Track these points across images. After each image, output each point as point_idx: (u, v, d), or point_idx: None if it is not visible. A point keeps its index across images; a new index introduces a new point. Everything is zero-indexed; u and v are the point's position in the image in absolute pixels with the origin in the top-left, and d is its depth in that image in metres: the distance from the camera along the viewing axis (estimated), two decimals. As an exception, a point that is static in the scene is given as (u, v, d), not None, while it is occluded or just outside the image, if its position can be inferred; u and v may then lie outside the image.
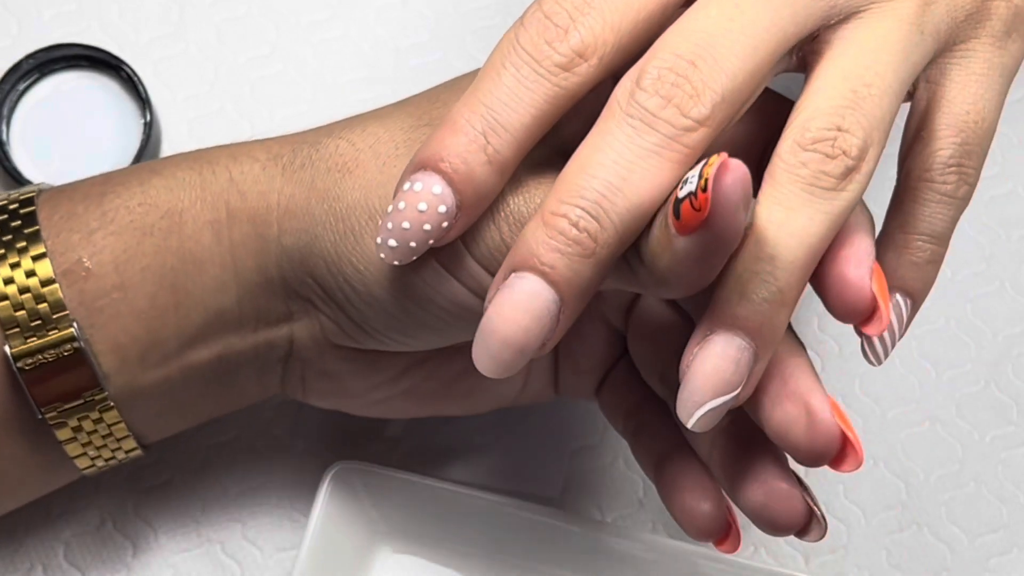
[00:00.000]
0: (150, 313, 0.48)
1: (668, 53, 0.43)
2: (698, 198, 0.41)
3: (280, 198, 0.48)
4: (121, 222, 0.48)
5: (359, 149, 0.47)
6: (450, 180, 0.43)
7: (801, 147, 0.43)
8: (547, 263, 0.42)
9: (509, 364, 0.43)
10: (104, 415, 0.49)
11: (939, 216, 0.46)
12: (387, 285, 0.46)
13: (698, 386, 0.43)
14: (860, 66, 0.44)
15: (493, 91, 0.44)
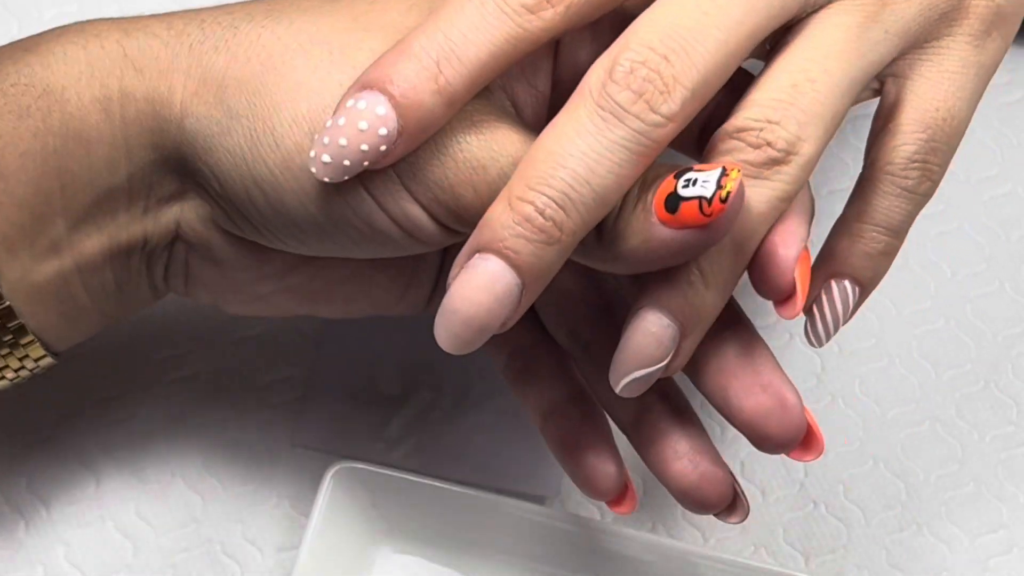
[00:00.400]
0: (34, 199, 0.46)
1: (641, 45, 0.43)
2: (712, 205, 0.42)
3: (187, 80, 0.46)
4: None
5: (286, 45, 0.46)
6: (396, 104, 0.43)
7: (728, 135, 0.44)
8: (511, 248, 0.42)
9: (469, 342, 0.44)
10: (4, 318, 0.47)
11: (897, 210, 0.47)
12: (300, 195, 0.45)
13: (623, 358, 0.45)
14: (808, 60, 0.45)
15: (453, 21, 0.44)
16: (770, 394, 0.46)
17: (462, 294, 0.43)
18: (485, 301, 0.43)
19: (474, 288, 0.43)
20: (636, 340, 0.45)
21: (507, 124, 0.45)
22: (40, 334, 0.49)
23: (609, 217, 0.44)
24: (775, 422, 0.46)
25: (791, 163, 0.44)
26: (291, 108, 0.45)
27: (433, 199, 0.45)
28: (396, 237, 0.46)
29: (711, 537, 0.59)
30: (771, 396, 0.46)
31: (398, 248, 0.46)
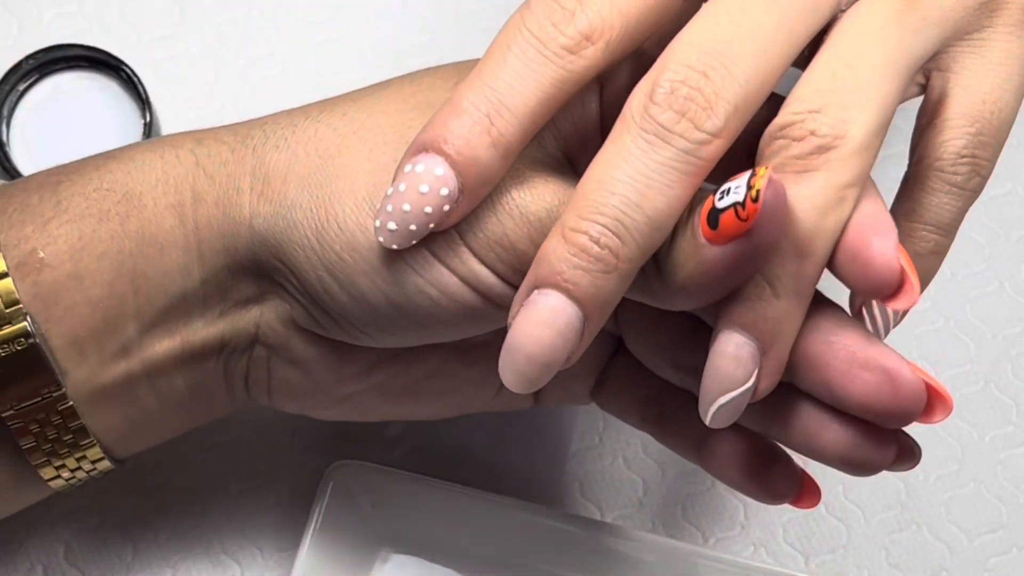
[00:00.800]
0: (108, 301, 0.47)
1: (679, 64, 0.42)
2: (746, 208, 0.41)
3: (253, 181, 0.47)
4: (76, 209, 0.47)
5: (341, 134, 0.47)
6: (453, 162, 0.43)
7: (772, 136, 0.43)
8: (570, 280, 0.42)
9: (535, 379, 0.43)
10: (66, 418, 0.48)
11: (947, 207, 0.46)
12: (371, 273, 0.45)
13: (706, 385, 0.43)
14: (844, 48, 0.44)
15: (498, 73, 0.43)
16: (873, 371, 0.44)
17: (524, 331, 0.43)
18: (548, 337, 0.42)
19: (536, 324, 0.42)
20: (715, 364, 0.43)
21: (558, 173, 0.45)
22: (101, 437, 0.49)
23: (663, 250, 0.43)
24: (888, 399, 0.44)
25: (840, 147, 0.42)
26: (351, 191, 0.46)
27: (495, 257, 0.45)
28: (470, 301, 0.45)
29: (711, 537, 0.59)
30: (875, 373, 0.44)
31: (475, 317, 0.46)
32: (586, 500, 0.59)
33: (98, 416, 0.48)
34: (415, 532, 0.56)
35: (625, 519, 0.59)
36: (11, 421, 0.47)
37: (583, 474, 0.59)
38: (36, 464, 0.48)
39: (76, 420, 0.48)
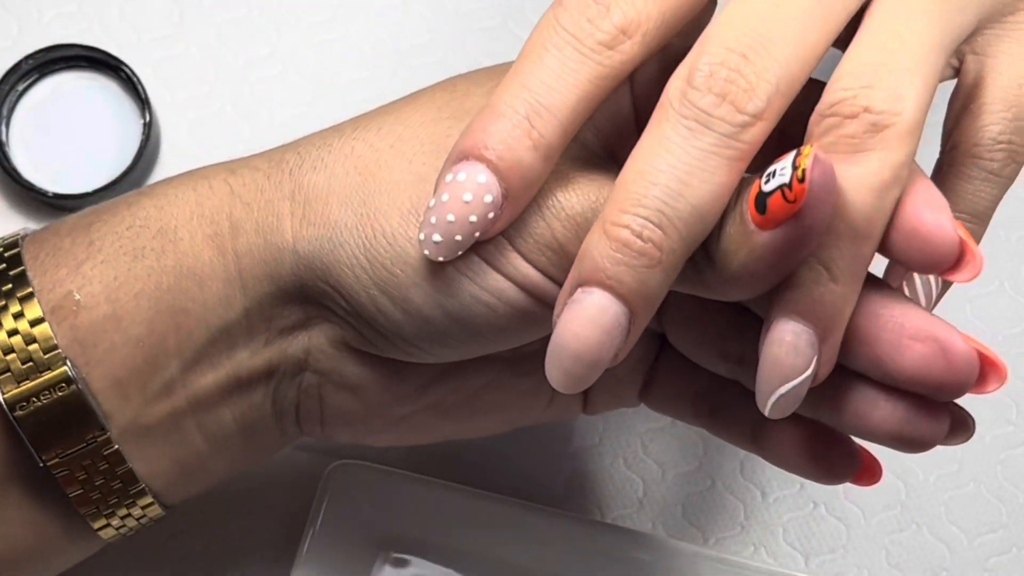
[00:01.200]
0: (148, 340, 0.46)
1: (717, 47, 0.41)
2: (793, 189, 0.40)
3: (293, 205, 0.46)
4: (110, 249, 0.46)
5: (379, 150, 0.46)
6: (495, 168, 0.42)
7: (822, 114, 0.42)
8: (613, 277, 0.41)
9: (583, 378, 0.42)
10: (112, 463, 0.46)
11: (983, 194, 0.45)
12: (424, 286, 0.44)
13: (764, 376, 0.42)
14: (892, 20, 0.42)
15: (535, 73, 0.43)
16: (924, 342, 0.42)
17: (569, 330, 0.42)
18: (593, 335, 0.42)
19: (581, 323, 0.42)
20: (773, 353, 0.42)
21: (601, 170, 0.45)
22: (150, 481, 0.48)
23: (713, 239, 0.42)
24: (941, 369, 0.42)
25: (896, 125, 0.41)
26: (396, 205, 0.45)
27: (546, 260, 0.44)
28: (525, 305, 0.44)
29: (711, 537, 0.59)
30: (926, 344, 0.42)
31: (530, 321, 0.45)
32: (586, 500, 0.59)
33: (145, 459, 0.47)
34: (415, 532, 0.56)
35: (625, 519, 0.59)
36: (57, 470, 0.46)
37: (583, 474, 0.59)
38: (85, 514, 0.47)
39: (123, 465, 0.47)
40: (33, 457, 0.46)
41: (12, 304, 0.46)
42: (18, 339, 0.46)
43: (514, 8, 0.64)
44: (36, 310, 0.46)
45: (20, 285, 0.46)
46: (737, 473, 0.59)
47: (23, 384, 0.45)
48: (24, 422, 0.46)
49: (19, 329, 0.46)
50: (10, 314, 0.46)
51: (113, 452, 0.46)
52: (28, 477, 0.47)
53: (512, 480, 0.58)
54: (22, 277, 0.46)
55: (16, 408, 0.45)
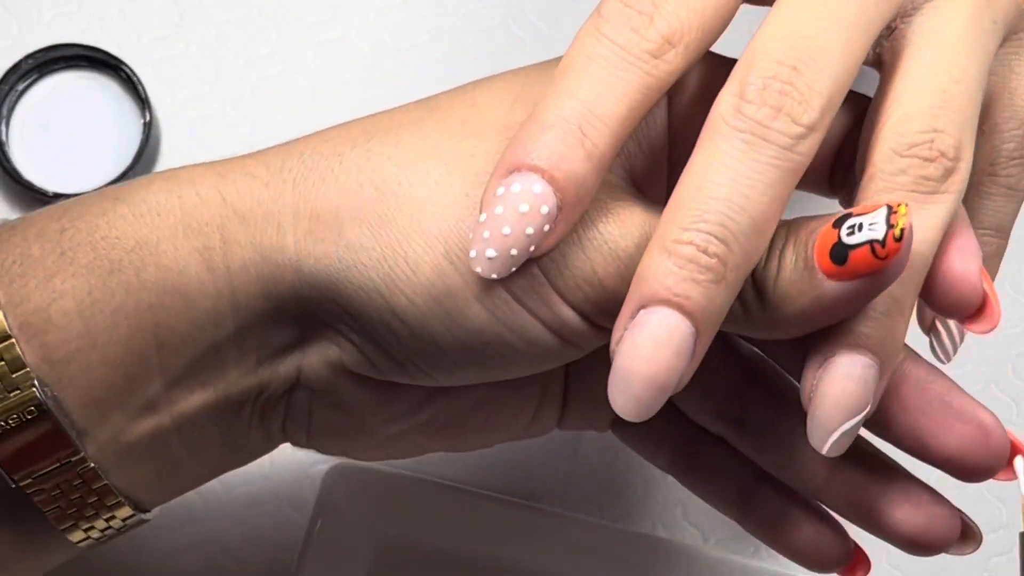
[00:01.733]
0: (127, 359, 0.43)
1: (767, 60, 0.41)
2: (886, 246, 0.40)
3: (296, 220, 0.43)
4: (83, 261, 0.43)
5: (398, 164, 0.44)
6: (551, 178, 0.41)
7: (898, 154, 0.42)
8: (680, 294, 0.40)
9: (652, 404, 0.41)
10: (88, 480, 0.44)
11: (1003, 210, 0.46)
12: (446, 320, 0.43)
13: (828, 411, 0.42)
14: (945, 60, 0.43)
15: (583, 83, 0.42)
16: (967, 423, 0.44)
17: (637, 354, 0.40)
18: (664, 356, 0.40)
19: (651, 345, 0.40)
20: (838, 389, 0.41)
21: (639, 203, 0.44)
22: (130, 493, 0.45)
23: (769, 280, 0.42)
24: (980, 451, 0.44)
25: (959, 171, 0.42)
26: (421, 231, 0.43)
27: (583, 297, 0.43)
28: (548, 344, 0.43)
29: (711, 537, 0.59)
30: (969, 425, 0.44)
31: (547, 358, 0.44)
32: (587, 500, 0.59)
33: (125, 472, 0.45)
34: (415, 532, 0.56)
35: (625, 519, 0.59)
36: (30, 490, 0.44)
37: (583, 474, 0.59)
38: (63, 528, 0.45)
39: (99, 481, 0.44)
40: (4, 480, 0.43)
41: None
42: None
43: (514, 8, 0.64)
44: (2, 325, 0.42)
45: None
46: (737, 473, 0.59)
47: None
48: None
49: None
50: None
51: (88, 470, 0.44)
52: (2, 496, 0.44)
53: (512, 480, 0.58)
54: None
55: None
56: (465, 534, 0.56)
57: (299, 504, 0.57)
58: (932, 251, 0.42)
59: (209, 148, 0.62)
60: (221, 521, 0.57)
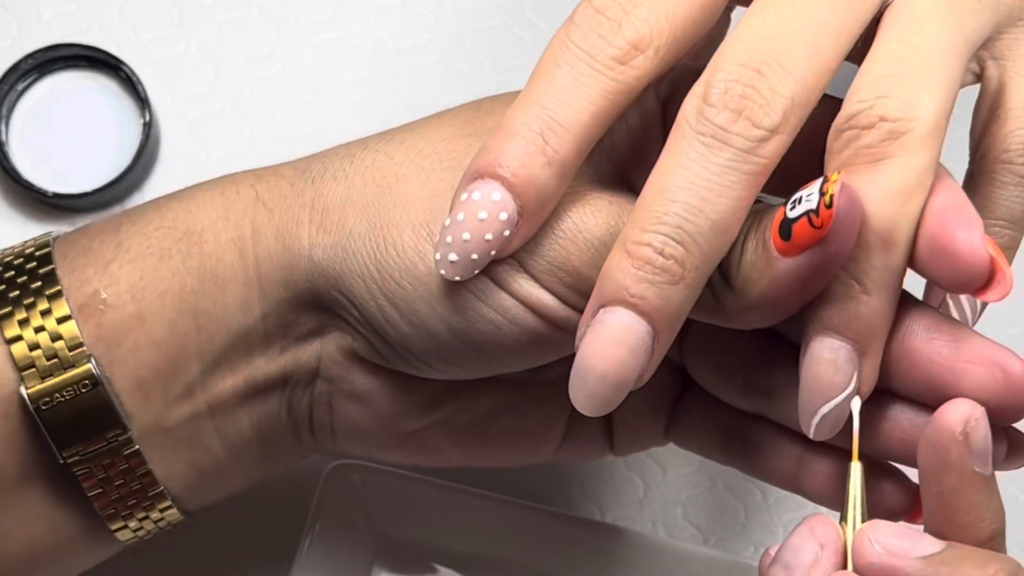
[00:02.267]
0: (170, 341, 0.47)
1: (732, 64, 0.42)
2: (820, 215, 0.40)
3: (312, 213, 0.46)
4: (137, 249, 0.47)
5: (399, 163, 0.46)
6: (510, 185, 0.42)
7: (839, 129, 0.42)
8: (636, 295, 0.41)
9: (608, 400, 0.42)
10: (131, 463, 0.47)
11: (1017, 199, 0.44)
12: (430, 299, 0.45)
13: (806, 397, 0.42)
14: (903, 31, 0.43)
15: (548, 91, 0.43)
16: (983, 365, 0.42)
17: (593, 351, 0.42)
18: (618, 355, 0.42)
19: (606, 343, 0.42)
20: (812, 373, 0.42)
21: (616, 193, 0.45)
22: (168, 485, 0.48)
23: (733, 266, 0.42)
24: (1001, 392, 0.42)
25: (913, 131, 0.41)
26: (408, 219, 0.45)
27: (558, 282, 0.44)
28: (533, 326, 0.44)
29: (711, 537, 0.59)
30: (985, 367, 0.42)
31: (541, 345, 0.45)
32: (586, 500, 0.59)
33: (164, 462, 0.48)
34: (415, 532, 0.56)
35: (625, 519, 0.59)
36: (77, 468, 0.47)
37: (583, 474, 0.59)
38: (104, 515, 0.48)
39: (143, 467, 0.47)
40: (54, 456, 0.46)
41: (40, 301, 0.46)
42: (44, 336, 0.46)
43: (514, 8, 0.64)
44: (64, 308, 0.46)
45: (49, 283, 0.47)
46: (737, 473, 0.59)
47: (47, 380, 0.46)
48: (46, 418, 0.46)
49: (46, 326, 0.46)
50: (38, 311, 0.46)
51: (134, 452, 0.47)
52: (48, 476, 0.47)
53: (512, 480, 0.58)
54: (51, 275, 0.47)
55: (39, 403, 0.46)
56: (465, 534, 0.56)
57: (299, 504, 0.57)
58: (891, 221, 0.41)
59: (209, 148, 0.62)
60: (221, 521, 0.57)
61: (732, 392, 0.48)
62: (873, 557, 0.41)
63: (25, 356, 0.46)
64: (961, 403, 0.42)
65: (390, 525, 0.56)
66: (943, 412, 0.42)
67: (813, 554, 0.42)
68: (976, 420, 0.42)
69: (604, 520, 0.58)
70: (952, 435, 0.42)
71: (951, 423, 0.42)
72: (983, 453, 0.42)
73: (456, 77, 0.62)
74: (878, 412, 0.44)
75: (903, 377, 0.43)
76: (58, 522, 0.48)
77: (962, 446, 0.42)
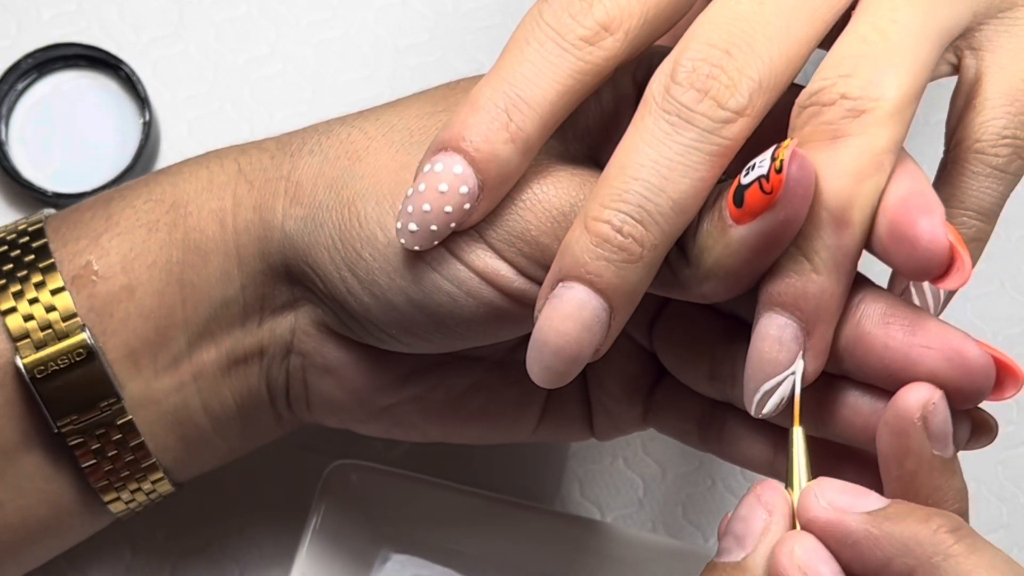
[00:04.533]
0: (158, 312, 0.48)
1: (700, 43, 0.42)
2: (770, 180, 0.40)
3: (287, 184, 0.47)
4: (127, 223, 0.48)
5: (371, 137, 0.46)
6: (471, 160, 0.43)
7: (801, 106, 0.42)
8: (593, 272, 0.41)
9: (562, 373, 0.43)
10: (125, 434, 0.48)
11: (988, 191, 0.44)
12: (390, 271, 0.45)
13: (750, 372, 0.42)
14: (874, 15, 0.42)
15: (515, 67, 0.43)
16: (937, 349, 0.42)
17: (550, 326, 0.42)
18: (573, 330, 0.42)
19: (561, 318, 0.42)
20: (757, 348, 0.42)
21: (581, 167, 0.45)
22: (159, 456, 0.49)
23: (689, 236, 0.42)
24: (957, 376, 0.42)
25: (874, 111, 0.41)
26: (373, 190, 0.45)
27: (517, 252, 0.44)
28: (491, 299, 0.45)
29: (711, 537, 0.59)
30: (940, 351, 0.42)
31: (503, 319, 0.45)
32: (586, 500, 0.59)
33: (153, 433, 0.49)
34: (415, 532, 0.56)
35: (625, 519, 0.59)
36: (71, 438, 0.48)
37: (583, 474, 0.59)
38: (98, 487, 0.49)
39: (136, 438, 0.48)
40: (48, 426, 0.47)
41: (34, 274, 0.47)
42: (38, 307, 0.47)
43: (514, 8, 0.64)
44: (57, 280, 0.47)
45: (42, 256, 0.48)
46: (737, 473, 0.59)
47: (42, 350, 0.47)
48: (41, 387, 0.47)
49: (40, 298, 0.47)
50: (31, 284, 0.47)
51: (126, 422, 0.48)
52: (43, 447, 0.48)
53: (512, 480, 0.58)
54: (44, 249, 0.48)
55: (34, 373, 0.47)
56: (465, 534, 0.56)
57: (299, 504, 0.57)
58: (845, 198, 0.41)
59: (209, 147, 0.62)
60: (221, 521, 0.57)
61: (699, 380, 0.48)
62: (819, 511, 0.41)
63: (20, 327, 0.47)
64: (919, 387, 0.42)
65: (390, 525, 0.56)
66: (900, 397, 0.42)
67: (762, 521, 0.42)
68: (935, 404, 0.41)
69: (604, 520, 0.58)
70: (910, 419, 0.41)
71: (909, 408, 0.42)
72: (942, 436, 0.42)
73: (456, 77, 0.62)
74: (838, 398, 0.44)
75: (859, 362, 0.43)
76: (52, 494, 0.49)
77: (920, 431, 0.41)
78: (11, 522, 0.49)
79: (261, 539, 0.57)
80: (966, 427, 0.43)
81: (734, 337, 0.46)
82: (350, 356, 0.49)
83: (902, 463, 0.42)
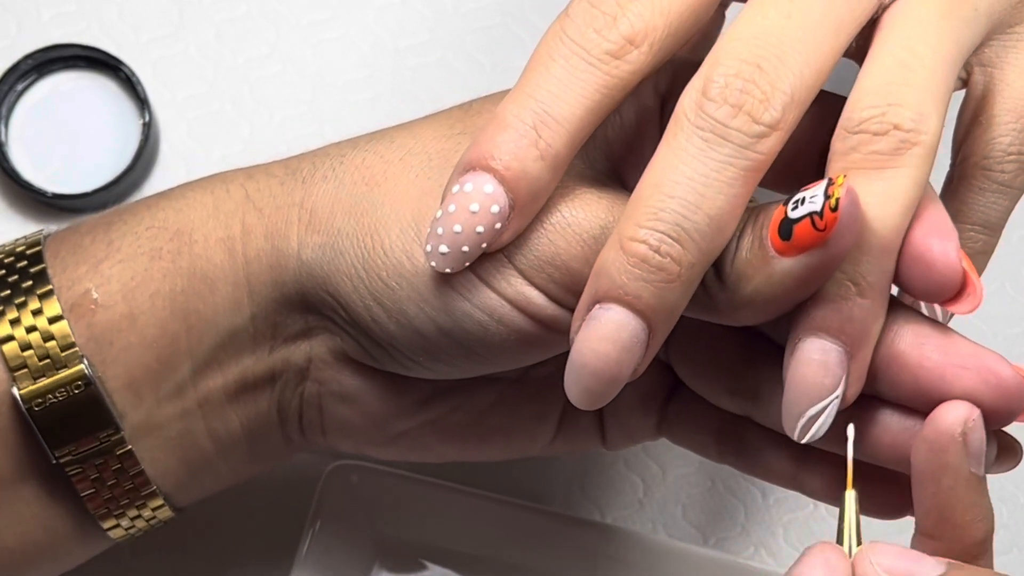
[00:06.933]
0: (161, 341, 0.47)
1: (731, 59, 0.41)
2: (824, 217, 0.40)
3: (301, 212, 0.46)
4: (128, 249, 0.47)
5: (388, 161, 0.46)
6: (502, 178, 0.42)
7: (848, 131, 0.42)
8: (632, 293, 0.41)
9: (601, 394, 0.42)
10: (124, 463, 0.47)
11: (994, 206, 0.45)
12: (418, 300, 0.45)
13: (792, 398, 0.42)
14: (907, 38, 0.43)
15: (542, 84, 0.43)
16: (972, 369, 0.42)
17: (588, 347, 0.42)
18: (613, 352, 0.42)
19: (599, 339, 0.42)
20: (801, 373, 0.42)
21: (609, 188, 0.45)
22: (160, 483, 0.48)
23: (727, 261, 0.42)
24: (992, 396, 0.42)
25: (921, 143, 0.41)
26: (396, 217, 0.45)
27: (547, 278, 0.44)
28: (521, 325, 0.44)
29: (711, 537, 0.59)
30: (975, 371, 0.42)
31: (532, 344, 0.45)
32: (586, 500, 0.59)
33: (155, 460, 0.48)
34: (415, 532, 0.56)
35: (625, 519, 0.59)
36: (70, 468, 0.47)
37: (583, 474, 0.59)
38: (97, 515, 0.48)
39: (136, 466, 0.47)
40: (47, 455, 0.46)
41: (31, 301, 0.46)
42: (36, 336, 0.46)
43: (514, 8, 0.64)
44: (55, 307, 0.46)
45: (40, 282, 0.47)
46: (737, 473, 0.59)
47: (40, 381, 0.46)
48: (39, 419, 0.46)
49: (37, 326, 0.46)
50: (29, 311, 0.46)
51: (126, 452, 0.47)
52: (41, 476, 0.47)
53: (512, 480, 0.58)
54: (42, 275, 0.47)
55: (32, 404, 0.46)
56: (465, 534, 0.56)
57: (299, 504, 0.57)
58: (894, 228, 0.41)
59: (208, 148, 0.62)
60: (221, 521, 0.57)
61: (718, 393, 0.48)
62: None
63: (17, 356, 0.46)
64: (959, 405, 0.42)
65: (390, 525, 0.56)
66: (941, 413, 0.42)
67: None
68: (974, 421, 0.42)
69: (604, 520, 0.58)
70: (951, 436, 0.42)
71: (950, 424, 0.42)
72: (979, 454, 0.42)
73: (456, 77, 0.62)
74: (867, 417, 0.44)
75: (892, 382, 0.43)
76: (51, 521, 0.48)
77: (960, 447, 0.42)
78: (8, 547, 0.48)
79: (261, 539, 0.57)
80: (994, 448, 0.44)
81: (755, 352, 0.46)
82: (369, 383, 0.48)
83: (940, 480, 0.42)
